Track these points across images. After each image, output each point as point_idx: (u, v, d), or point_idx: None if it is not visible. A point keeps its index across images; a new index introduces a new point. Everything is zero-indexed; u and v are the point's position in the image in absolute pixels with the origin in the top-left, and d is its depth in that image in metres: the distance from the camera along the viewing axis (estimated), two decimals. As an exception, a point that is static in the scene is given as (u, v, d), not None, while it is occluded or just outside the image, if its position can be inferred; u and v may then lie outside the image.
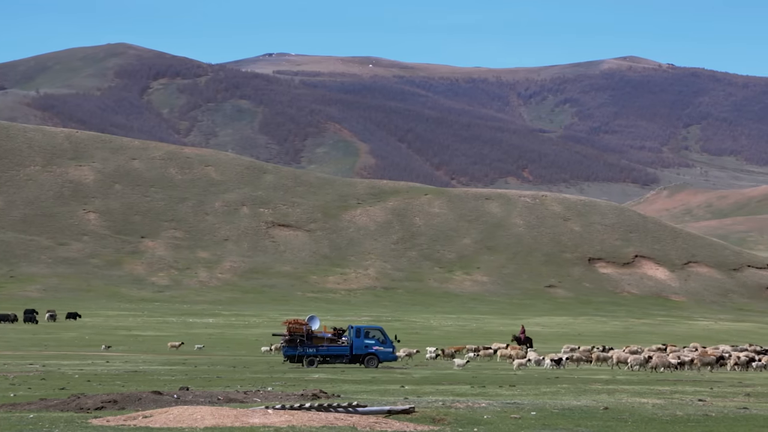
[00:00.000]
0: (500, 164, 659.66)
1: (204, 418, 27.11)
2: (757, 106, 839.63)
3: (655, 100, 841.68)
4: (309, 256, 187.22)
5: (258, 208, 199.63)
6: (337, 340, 64.61)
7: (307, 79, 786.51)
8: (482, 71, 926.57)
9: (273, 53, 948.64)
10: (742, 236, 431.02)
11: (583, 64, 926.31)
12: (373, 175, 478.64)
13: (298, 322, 65.43)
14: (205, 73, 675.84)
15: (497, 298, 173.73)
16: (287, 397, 35.69)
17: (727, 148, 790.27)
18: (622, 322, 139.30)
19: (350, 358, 64.17)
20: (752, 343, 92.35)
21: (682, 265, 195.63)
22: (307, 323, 65.16)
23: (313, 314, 70.60)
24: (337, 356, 64.14)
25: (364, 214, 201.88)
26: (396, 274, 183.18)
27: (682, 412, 31.38)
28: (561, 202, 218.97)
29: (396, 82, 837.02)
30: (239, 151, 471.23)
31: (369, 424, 27.08)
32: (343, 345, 64.40)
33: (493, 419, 29.03)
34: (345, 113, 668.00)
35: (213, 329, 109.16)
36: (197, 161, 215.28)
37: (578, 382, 47.78)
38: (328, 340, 64.38)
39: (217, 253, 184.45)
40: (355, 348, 64.26)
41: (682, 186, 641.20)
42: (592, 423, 28.82)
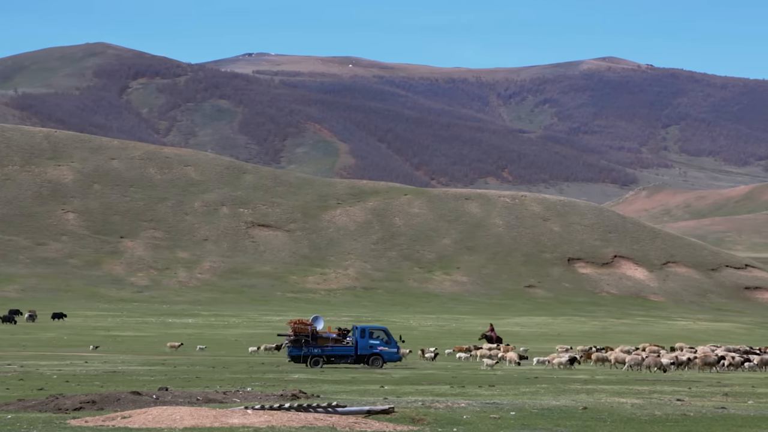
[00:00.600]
0: (480, 164, 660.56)
1: (183, 419, 27.05)
2: (736, 107, 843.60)
3: (634, 100, 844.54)
4: (289, 257, 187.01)
5: (238, 208, 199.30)
6: (341, 341, 64.55)
7: (287, 79, 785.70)
8: (462, 71, 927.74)
9: (252, 53, 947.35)
10: (721, 236, 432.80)
11: (562, 64, 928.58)
12: (353, 176, 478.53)
13: (303, 322, 65.26)
14: (185, 72, 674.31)
15: (477, 298, 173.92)
16: (267, 397, 35.65)
17: (705, 149, 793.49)
18: (601, 322, 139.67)
19: (355, 358, 64.12)
20: (725, 343, 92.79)
21: (661, 265, 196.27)
22: (311, 323, 64.99)
23: (317, 314, 70.48)
24: (342, 356, 64.12)
25: (343, 215, 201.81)
26: (376, 274, 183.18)
27: (660, 412, 31.48)
28: (540, 202, 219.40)
29: (376, 83, 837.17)
30: (219, 151, 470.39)
31: (348, 424, 27.08)
32: (348, 345, 64.36)
33: (473, 419, 29.07)
34: (325, 113, 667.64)
35: (192, 329, 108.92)
36: (177, 161, 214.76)
37: (557, 382, 47.88)
38: (333, 341, 64.33)
39: (196, 253, 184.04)
40: (360, 348, 64.23)
41: (661, 186, 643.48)
42: (571, 423, 28.89)
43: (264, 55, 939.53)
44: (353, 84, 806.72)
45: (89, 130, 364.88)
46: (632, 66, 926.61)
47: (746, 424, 29.08)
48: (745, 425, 28.91)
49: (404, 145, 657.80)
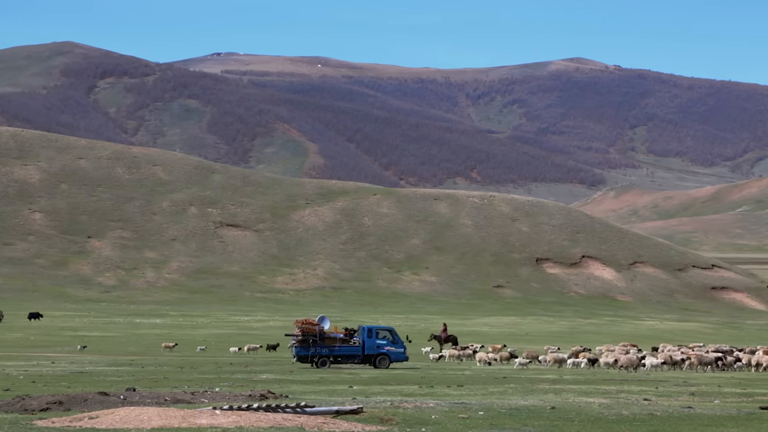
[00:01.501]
0: (449, 164, 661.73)
1: (151, 419, 26.96)
2: (702, 107, 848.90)
3: (602, 101, 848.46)
4: (257, 256, 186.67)
5: (206, 208, 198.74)
6: (348, 341, 64.66)
7: (256, 78, 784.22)
8: (431, 72, 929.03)
9: (221, 53, 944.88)
10: (687, 237, 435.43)
11: (530, 65, 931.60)
12: (322, 175, 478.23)
13: (310, 322, 65.22)
14: (153, 72, 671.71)
15: (445, 299, 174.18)
16: (235, 397, 35.57)
17: (672, 150, 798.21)
18: (569, 322, 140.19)
19: (362, 358, 64.30)
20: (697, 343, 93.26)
21: (629, 265, 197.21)
22: (319, 323, 64.98)
23: (324, 314, 70.55)
24: (350, 356, 64.29)
25: (312, 214, 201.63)
26: (345, 274, 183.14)
27: (627, 412, 31.64)
28: (509, 202, 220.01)
29: (345, 83, 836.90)
30: (187, 151, 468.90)
31: (317, 424, 27.06)
32: (355, 345, 64.48)
33: (441, 419, 29.12)
34: (294, 113, 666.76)
35: (160, 330, 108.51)
36: (145, 161, 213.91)
37: (525, 382, 48.03)
38: (340, 341, 64.43)
39: (164, 253, 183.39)
40: (367, 348, 64.40)
41: (629, 187, 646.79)
42: (539, 422, 28.99)
43: (232, 55, 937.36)
44: (322, 84, 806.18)
45: (56, 130, 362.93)
46: (600, 67, 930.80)
47: (712, 424, 29.28)
48: (711, 424, 29.11)
49: (373, 145, 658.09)
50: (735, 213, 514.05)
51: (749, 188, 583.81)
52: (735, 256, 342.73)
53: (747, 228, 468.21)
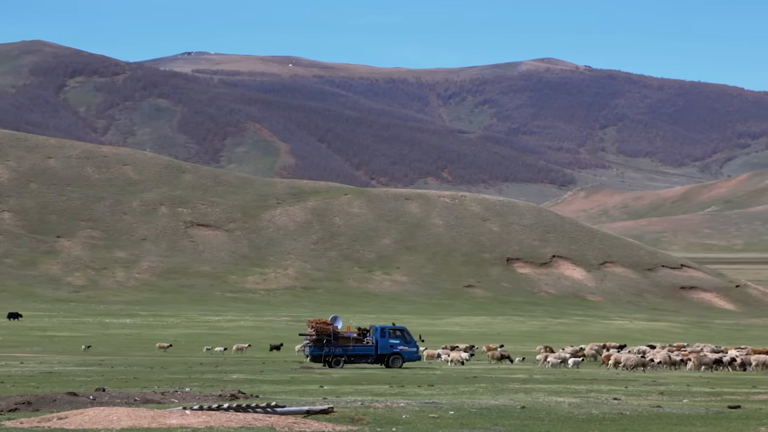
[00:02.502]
0: (420, 164, 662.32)
1: (120, 419, 26.85)
2: (672, 108, 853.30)
3: (572, 101, 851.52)
4: (228, 256, 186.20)
5: (177, 208, 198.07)
6: (362, 340, 64.93)
7: (227, 78, 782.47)
8: (402, 72, 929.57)
9: (192, 52, 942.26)
10: (657, 237, 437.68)
11: (501, 65, 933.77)
12: (293, 175, 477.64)
13: (324, 322, 65.47)
14: (123, 71, 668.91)
15: (417, 298, 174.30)
16: (205, 397, 35.47)
17: (642, 150, 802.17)
18: (539, 322, 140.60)
19: (375, 358, 64.62)
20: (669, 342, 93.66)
21: (599, 265, 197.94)
22: (332, 323, 65.20)
23: (336, 314, 70.71)
24: (363, 356, 64.63)
25: (283, 214, 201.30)
26: (315, 274, 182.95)
27: (597, 411, 31.76)
28: (480, 202, 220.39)
29: (316, 82, 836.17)
30: (158, 150, 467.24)
31: (288, 424, 27.02)
32: (369, 345, 64.79)
33: (412, 419, 29.14)
34: (265, 113, 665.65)
35: (130, 329, 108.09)
36: (115, 160, 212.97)
37: (496, 382, 48.13)
38: (353, 340, 64.67)
39: (134, 252, 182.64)
40: (381, 348, 64.73)
41: (599, 187, 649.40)
42: (509, 422, 29.05)
43: (203, 54, 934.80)
44: (293, 84, 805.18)
45: (25, 129, 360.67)
46: (570, 67, 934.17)
47: (681, 423, 29.43)
48: (680, 423, 29.26)
49: (344, 145, 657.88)
50: (704, 213, 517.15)
51: (718, 188, 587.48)
52: (704, 256, 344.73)
53: (716, 228, 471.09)
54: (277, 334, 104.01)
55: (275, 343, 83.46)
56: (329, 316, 67.91)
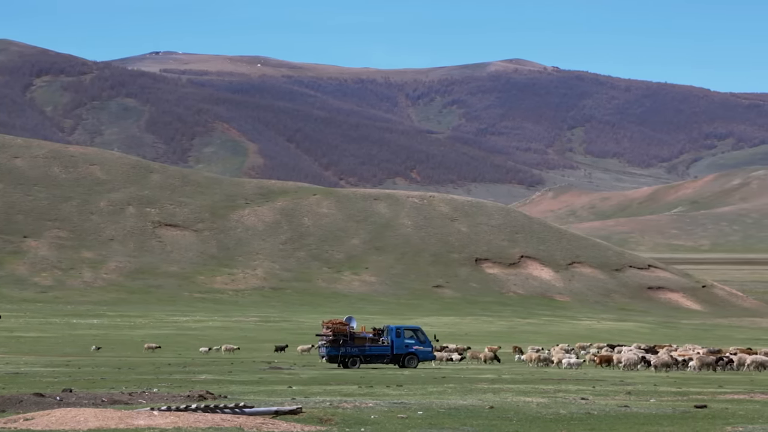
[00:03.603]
0: (388, 165, 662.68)
1: (87, 420, 26.73)
2: (639, 109, 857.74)
3: (540, 102, 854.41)
4: (196, 256, 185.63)
5: (144, 208, 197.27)
6: (377, 341, 65.13)
7: (195, 78, 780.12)
8: (371, 72, 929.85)
9: (159, 52, 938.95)
10: (624, 237, 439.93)
11: (470, 65, 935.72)
12: (262, 175, 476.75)
13: (340, 322, 65.75)
14: (90, 70, 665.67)
15: (385, 298, 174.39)
16: (173, 398, 35.36)
17: (609, 151, 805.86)
18: (508, 322, 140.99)
19: (391, 358, 64.87)
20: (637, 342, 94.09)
21: (567, 265, 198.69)
22: (348, 324, 65.47)
23: (351, 315, 70.92)
24: (379, 356, 64.87)
25: (252, 214, 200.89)
26: (284, 274, 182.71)
27: (565, 411, 31.89)
28: (448, 202, 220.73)
29: (284, 82, 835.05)
30: (125, 150, 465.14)
31: (256, 425, 26.98)
32: (384, 345, 64.99)
33: (380, 419, 29.16)
34: (233, 113, 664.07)
35: (97, 330, 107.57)
36: (82, 160, 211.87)
37: (464, 382, 48.23)
38: (369, 341, 64.88)
39: (102, 253, 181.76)
40: (396, 348, 64.97)
41: (567, 187, 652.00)
42: (477, 422, 29.13)
43: (171, 54, 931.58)
44: (262, 83, 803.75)
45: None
46: (539, 68, 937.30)
47: (648, 422, 29.60)
48: (647, 423, 29.43)
49: (313, 145, 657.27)
50: (671, 214, 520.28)
51: (685, 189, 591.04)
52: (671, 256, 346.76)
53: (683, 228, 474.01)
54: (246, 335, 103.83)
55: (280, 344, 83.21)
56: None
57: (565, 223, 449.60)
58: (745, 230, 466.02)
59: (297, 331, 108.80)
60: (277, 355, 79.09)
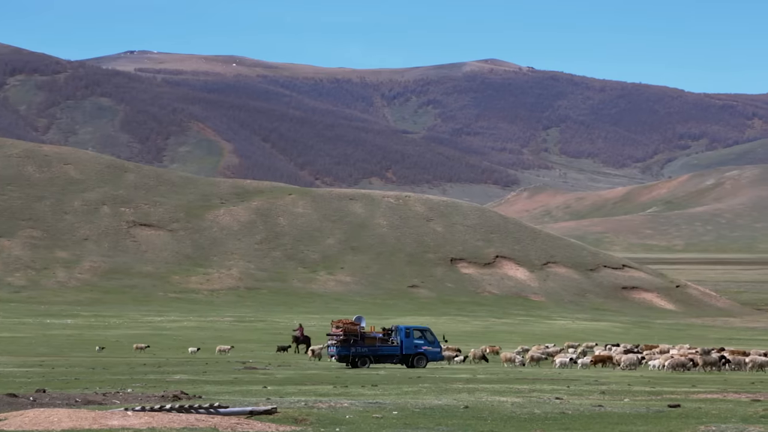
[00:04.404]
0: (364, 165, 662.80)
1: (61, 421, 26.63)
2: (614, 109, 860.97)
3: (515, 102, 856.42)
4: (171, 256, 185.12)
5: (119, 207, 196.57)
6: (387, 340, 65.41)
7: (170, 77, 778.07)
8: (346, 72, 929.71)
9: (134, 51, 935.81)
10: (599, 237, 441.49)
11: (445, 66, 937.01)
12: (237, 175, 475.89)
13: (350, 322, 65.99)
14: (64, 69, 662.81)
15: (361, 298, 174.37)
16: (147, 398, 35.27)
17: (584, 151, 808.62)
18: (483, 322, 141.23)
19: (400, 358, 65.13)
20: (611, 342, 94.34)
21: (542, 265, 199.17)
22: (358, 323, 65.75)
23: (360, 315, 71.19)
24: (389, 356, 65.17)
25: (227, 214, 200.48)
26: (259, 274, 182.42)
27: (540, 410, 31.97)
28: (424, 202, 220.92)
29: (260, 82, 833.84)
30: (100, 150, 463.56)
31: (231, 425, 26.95)
32: (394, 345, 65.25)
33: (355, 419, 29.17)
34: (208, 112, 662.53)
35: (72, 330, 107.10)
36: (56, 159, 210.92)
37: (439, 382, 48.29)
38: (380, 341, 65.17)
39: (76, 252, 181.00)
40: (405, 348, 65.23)
41: (542, 187, 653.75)
42: (452, 422, 29.18)
43: (146, 53, 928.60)
44: (237, 83, 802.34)
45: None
46: (514, 68, 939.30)
47: (622, 422, 29.72)
48: (621, 422, 29.55)
49: (288, 145, 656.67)
50: (645, 214, 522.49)
51: (659, 189, 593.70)
52: (645, 256, 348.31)
53: (657, 228, 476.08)
54: (221, 335, 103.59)
55: (283, 344, 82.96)
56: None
57: (540, 223, 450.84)
58: (719, 230, 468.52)
59: (272, 331, 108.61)
60: (279, 355, 79.14)
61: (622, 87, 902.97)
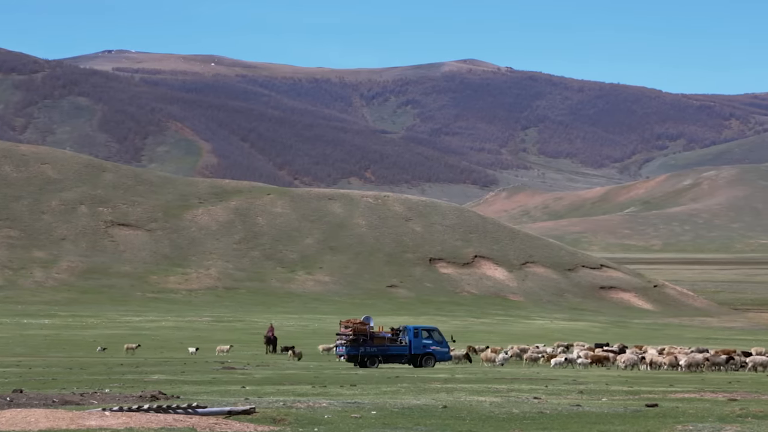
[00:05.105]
0: (343, 164, 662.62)
1: (38, 421, 26.52)
2: (592, 110, 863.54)
3: (494, 102, 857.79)
4: (149, 256, 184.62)
5: (97, 207, 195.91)
6: (396, 340, 65.65)
7: (148, 77, 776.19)
8: (325, 71, 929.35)
9: (112, 50, 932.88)
10: (577, 237, 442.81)
11: (424, 66, 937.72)
12: (216, 175, 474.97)
13: (360, 322, 66.27)
14: (42, 68, 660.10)
15: (339, 298, 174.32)
16: (125, 398, 35.17)
17: (563, 151, 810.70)
18: (461, 322, 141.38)
19: (409, 358, 65.40)
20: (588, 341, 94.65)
21: (520, 265, 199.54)
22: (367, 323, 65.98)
23: (369, 315, 71.37)
24: (398, 356, 65.46)
25: (205, 214, 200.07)
26: (238, 274, 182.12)
27: (518, 410, 32.04)
28: (403, 202, 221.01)
29: (238, 82, 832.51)
30: (77, 149, 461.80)
31: (209, 425, 26.90)
32: (403, 345, 65.51)
33: (334, 419, 29.17)
34: (187, 112, 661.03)
35: (49, 330, 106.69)
36: (33, 159, 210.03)
37: (418, 381, 48.32)
38: (389, 340, 65.38)
39: (54, 252, 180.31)
40: (414, 348, 65.57)
41: (520, 188, 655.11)
42: (431, 421, 29.21)
43: (124, 53, 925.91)
44: (215, 83, 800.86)
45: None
46: (492, 68, 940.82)
47: (600, 421, 29.82)
48: (599, 422, 29.64)
49: (267, 145, 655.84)
50: (623, 214, 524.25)
51: (637, 189, 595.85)
52: (623, 256, 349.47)
53: (634, 228, 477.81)
54: (199, 335, 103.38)
55: (287, 345, 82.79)
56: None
57: (518, 223, 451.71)
58: (696, 230, 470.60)
59: (250, 331, 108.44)
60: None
61: (600, 87, 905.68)
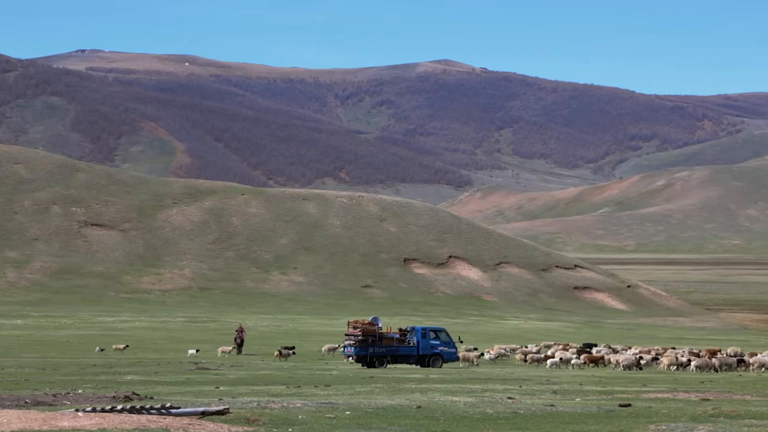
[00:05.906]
0: (317, 165, 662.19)
1: (10, 422, 26.38)
2: (566, 110, 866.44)
3: (468, 103, 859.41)
4: (123, 256, 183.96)
5: (70, 207, 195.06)
6: (404, 341, 65.83)
7: (122, 76, 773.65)
8: (300, 72, 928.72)
9: (86, 49, 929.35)
10: (551, 237, 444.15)
11: (399, 66, 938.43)
12: (190, 175, 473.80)
13: (368, 323, 66.35)
14: (14, 68, 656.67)
15: (314, 299, 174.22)
16: (98, 399, 35.04)
17: (537, 151, 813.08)
18: (436, 322, 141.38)
19: (417, 358, 65.55)
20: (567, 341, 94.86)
21: (494, 265, 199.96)
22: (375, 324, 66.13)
23: (376, 315, 71.47)
24: (406, 356, 65.63)
25: (179, 214, 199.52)
26: (212, 274, 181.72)
27: (492, 410, 32.10)
28: (377, 203, 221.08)
29: (213, 81, 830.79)
30: (50, 149, 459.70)
31: (182, 425, 26.83)
32: (411, 345, 65.68)
33: (308, 419, 29.15)
34: (161, 112, 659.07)
35: (21, 331, 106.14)
36: (5, 159, 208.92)
37: (392, 382, 48.35)
38: (397, 341, 65.56)
39: (26, 252, 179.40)
40: (422, 348, 65.75)
41: (495, 188, 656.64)
42: (405, 422, 29.24)
43: (97, 52, 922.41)
44: (190, 82, 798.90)
45: None
46: (467, 69, 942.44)
47: (573, 421, 29.91)
48: (572, 422, 29.74)
49: (241, 145, 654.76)
50: (597, 214, 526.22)
51: (610, 190, 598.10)
52: (596, 256, 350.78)
53: (608, 229, 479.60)
54: (173, 335, 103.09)
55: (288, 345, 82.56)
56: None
57: (493, 223, 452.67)
58: (669, 231, 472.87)
59: (224, 332, 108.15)
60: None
61: (574, 88, 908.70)
